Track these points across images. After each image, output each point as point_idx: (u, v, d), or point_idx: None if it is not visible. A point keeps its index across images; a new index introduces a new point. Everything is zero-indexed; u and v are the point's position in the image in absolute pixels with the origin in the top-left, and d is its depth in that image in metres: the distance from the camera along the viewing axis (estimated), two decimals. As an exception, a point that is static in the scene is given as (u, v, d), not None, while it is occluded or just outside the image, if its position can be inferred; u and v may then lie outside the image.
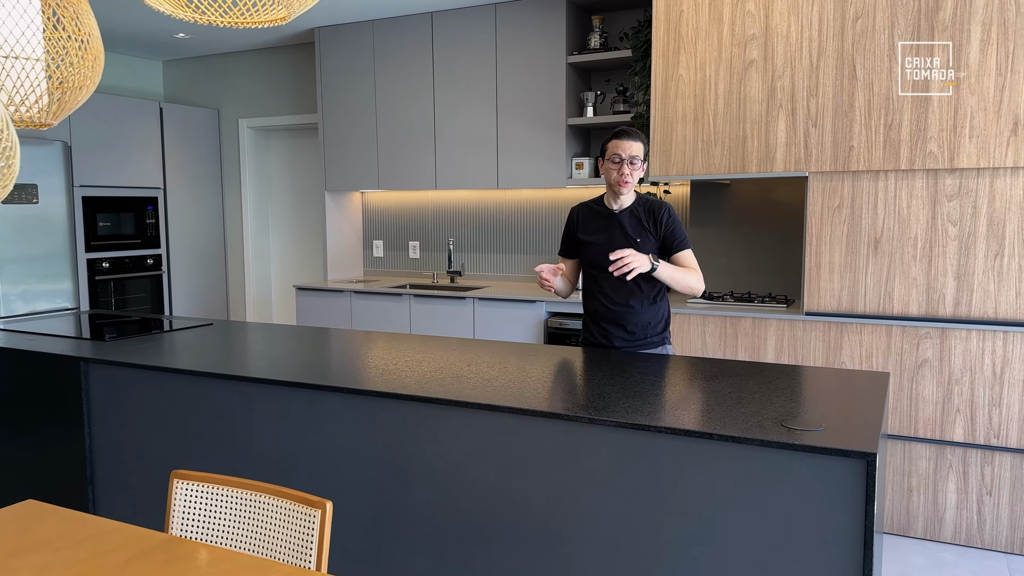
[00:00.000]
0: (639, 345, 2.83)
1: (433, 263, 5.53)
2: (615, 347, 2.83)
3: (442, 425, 2.11)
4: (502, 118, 4.79)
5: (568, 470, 1.96)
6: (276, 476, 2.39)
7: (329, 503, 1.58)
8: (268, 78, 6.09)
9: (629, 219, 2.80)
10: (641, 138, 2.75)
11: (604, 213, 2.86)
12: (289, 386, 2.32)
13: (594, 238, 2.85)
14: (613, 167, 2.73)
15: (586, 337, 2.95)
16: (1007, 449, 3.25)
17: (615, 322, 2.83)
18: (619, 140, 2.73)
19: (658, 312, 2.85)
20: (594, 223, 2.88)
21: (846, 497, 1.66)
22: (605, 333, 2.85)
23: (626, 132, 2.74)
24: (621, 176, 2.71)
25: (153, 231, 5.81)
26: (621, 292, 2.80)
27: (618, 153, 2.71)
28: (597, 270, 2.83)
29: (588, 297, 2.93)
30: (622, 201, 2.82)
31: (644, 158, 2.75)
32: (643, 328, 2.81)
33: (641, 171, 2.75)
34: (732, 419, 1.87)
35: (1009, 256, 3.20)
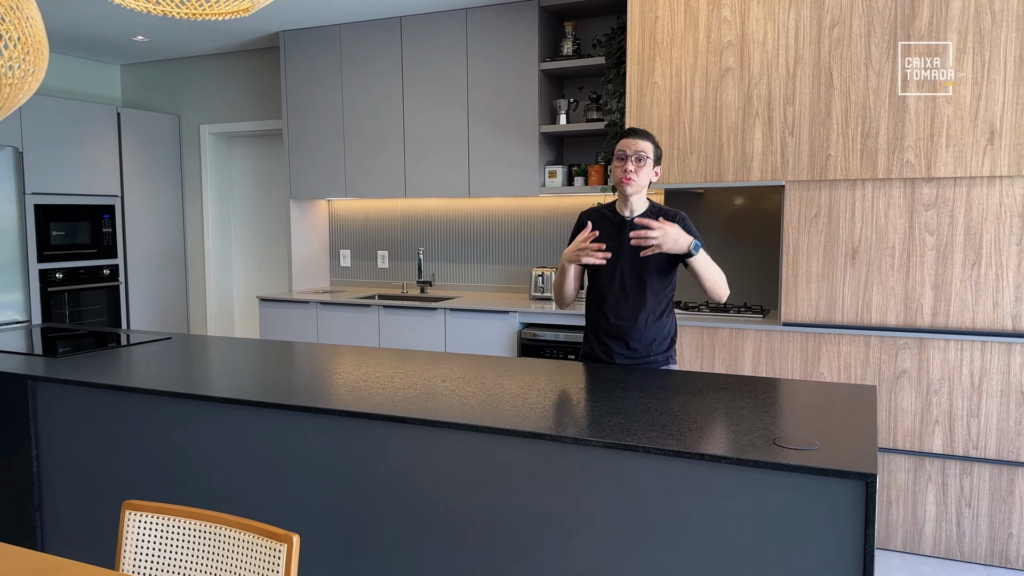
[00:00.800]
0: (642, 363, 2.67)
1: (403, 273, 5.40)
2: (616, 364, 2.68)
3: (416, 446, 1.99)
4: (473, 125, 4.70)
5: (549, 492, 1.85)
6: (240, 503, 2.25)
7: (296, 536, 1.46)
8: (231, 83, 5.92)
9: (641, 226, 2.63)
10: (651, 138, 2.63)
11: (615, 220, 2.69)
12: (251, 405, 2.19)
13: (604, 245, 2.65)
14: (618, 165, 2.61)
15: (587, 352, 2.79)
16: (985, 460, 3.23)
17: (618, 337, 2.68)
18: (625, 138, 2.62)
19: (663, 328, 2.68)
20: (604, 230, 2.69)
21: (844, 520, 1.58)
22: (607, 349, 2.70)
23: (634, 130, 2.65)
24: (625, 172, 2.58)
25: (110, 240, 5.60)
26: (626, 306, 2.65)
27: (623, 150, 2.60)
28: (604, 280, 2.69)
29: (590, 309, 2.78)
30: (634, 206, 2.66)
31: (656, 160, 2.63)
32: (647, 345, 2.66)
33: (651, 172, 2.62)
34: (722, 437, 1.78)
35: (986, 266, 3.18)
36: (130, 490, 2.43)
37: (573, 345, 4.18)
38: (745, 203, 4.17)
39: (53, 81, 5.78)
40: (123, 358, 2.86)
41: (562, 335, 4.21)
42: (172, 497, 2.35)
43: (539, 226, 4.94)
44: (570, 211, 4.83)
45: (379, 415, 2.01)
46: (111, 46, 5.62)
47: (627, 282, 2.64)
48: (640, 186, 2.62)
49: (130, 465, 2.43)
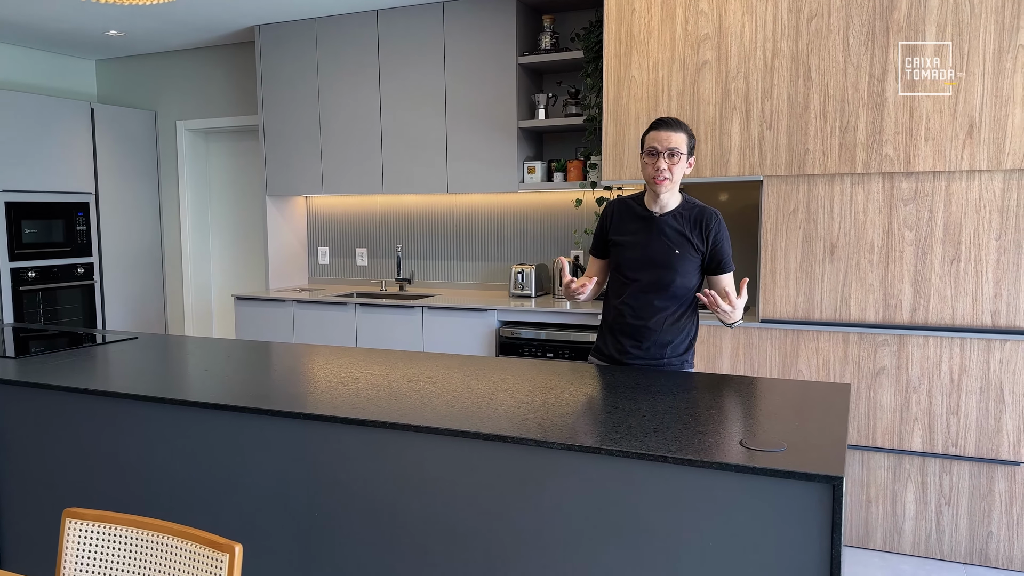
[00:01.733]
0: (655, 365, 2.54)
1: (382, 270, 5.33)
2: (626, 364, 2.56)
3: (375, 449, 1.93)
4: (451, 120, 4.63)
5: (511, 496, 1.80)
6: (200, 509, 2.18)
7: (238, 546, 1.40)
8: (208, 78, 5.83)
9: (671, 225, 2.49)
10: (685, 128, 2.43)
11: (643, 214, 2.53)
12: (207, 408, 2.12)
13: (627, 240, 2.54)
14: (649, 161, 2.42)
15: (599, 347, 2.66)
16: (965, 458, 3.19)
17: (633, 337, 2.54)
18: (657, 131, 2.42)
19: (682, 331, 2.54)
20: (630, 224, 2.55)
21: (811, 523, 1.53)
22: (620, 347, 2.57)
23: (665, 122, 2.43)
24: (658, 172, 2.40)
25: (84, 238, 5.51)
26: (647, 305, 2.51)
27: (655, 145, 2.40)
28: (626, 277, 2.55)
29: (608, 305, 2.64)
30: (664, 202, 2.49)
31: (690, 152, 2.45)
32: (661, 347, 2.52)
33: (686, 167, 2.45)
34: (689, 439, 1.73)
35: (965, 261, 3.14)
36: (84, 497, 2.35)
37: (552, 343, 4.13)
38: (731, 198, 4.13)
39: (26, 77, 5.68)
40: (85, 358, 2.79)
41: (542, 332, 4.15)
42: (127, 503, 2.28)
43: (519, 223, 4.88)
44: (549, 207, 4.78)
45: (337, 417, 1.94)
46: (84, 41, 5.52)
47: (648, 281, 2.50)
48: (673, 184, 2.45)
49: (87, 471, 2.36)
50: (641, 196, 2.61)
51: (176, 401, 2.15)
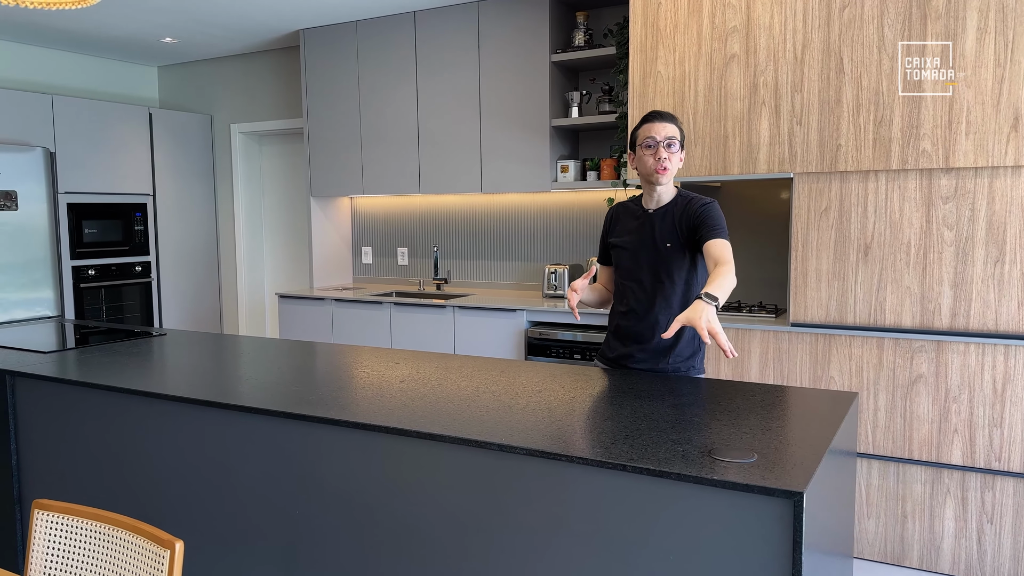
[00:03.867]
0: (661, 370, 2.46)
1: (421, 270, 5.37)
2: (633, 368, 2.49)
3: (344, 449, 1.93)
4: (485, 120, 4.62)
5: (480, 500, 1.76)
6: (189, 505, 2.23)
7: (179, 543, 1.41)
8: (259, 83, 6.00)
9: (663, 219, 2.44)
10: (676, 121, 2.42)
11: (638, 213, 2.52)
12: (199, 404, 2.16)
13: (623, 240, 2.52)
14: (647, 153, 2.38)
15: (604, 351, 2.63)
16: (1009, 474, 2.98)
17: (637, 340, 2.48)
18: (651, 123, 2.40)
19: (687, 334, 2.45)
20: (626, 224, 2.53)
21: (771, 540, 1.45)
22: (625, 351, 2.52)
23: (659, 114, 2.41)
24: (659, 162, 2.36)
25: (142, 238, 5.74)
26: (649, 305, 2.45)
27: (652, 136, 2.37)
28: (624, 278, 2.52)
29: (613, 308, 2.60)
30: (659, 197, 2.46)
31: (683, 144, 2.42)
32: (666, 350, 2.45)
33: (681, 157, 2.42)
34: (657, 447, 1.66)
35: (1010, 263, 2.93)
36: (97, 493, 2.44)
37: (580, 344, 4.07)
38: (765, 196, 3.98)
39: (93, 84, 5.96)
40: (109, 354, 2.89)
41: (569, 334, 4.10)
42: (127, 497, 2.35)
43: (553, 222, 4.83)
44: (585, 207, 4.71)
45: (315, 417, 1.95)
46: (142, 48, 5.76)
47: (647, 281, 2.46)
48: (672, 175, 2.42)
49: (99, 464, 2.44)
50: (639, 198, 2.56)
51: (171, 398, 2.20)
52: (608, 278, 2.67)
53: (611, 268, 2.64)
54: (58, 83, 5.75)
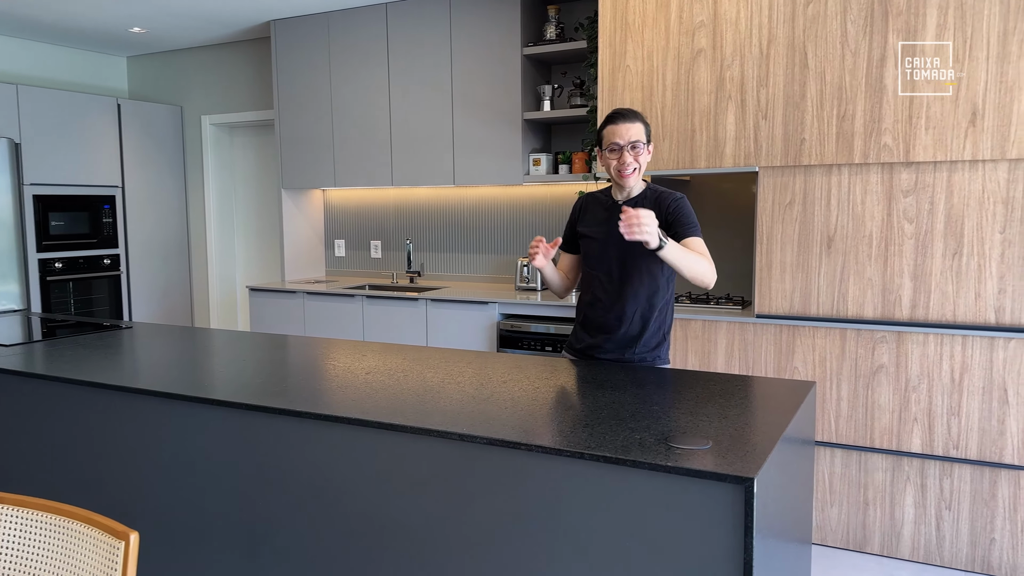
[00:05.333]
0: (627, 360, 2.48)
1: (395, 263, 5.37)
2: (600, 359, 2.51)
3: (312, 442, 1.94)
4: (457, 112, 4.62)
5: (439, 490, 1.78)
6: (154, 498, 2.22)
7: (134, 534, 1.41)
8: (230, 74, 5.95)
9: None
10: (640, 118, 2.42)
11: (607, 204, 2.53)
12: (162, 397, 2.16)
13: (592, 230, 2.53)
14: (612, 157, 2.40)
15: (571, 342, 2.64)
16: (967, 461, 3.05)
17: (603, 330, 2.50)
18: (615, 124, 2.39)
19: (653, 323, 2.47)
20: (595, 214, 2.55)
21: (723, 526, 1.48)
22: (592, 342, 2.53)
23: (621, 114, 2.41)
24: (623, 165, 2.38)
25: (110, 230, 5.68)
26: (614, 296, 2.46)
27: (615, 141, 2.38)
28: (592, 268, 2.53)
29: (580, 298, 2.61)
30: (629, 190, 2.48)
31: (648, 140, 2.43)
32: (632, 340, 2.47)
33: (648, 155, 2.43)
34: (616, 435, 1.68)
35: (968, 255, 2.99)
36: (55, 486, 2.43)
37: (552, 336, 4.09)
38: (733, 190, 4.02)
39: (61, 74, 5.88)
40: (68, 347, 2.87)
41: (541, 327, 4.12)
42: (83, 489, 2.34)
43: (527, 215, 4.85)
44: (557, 200, 4.73)
45: (276, 408, 1.96)
46: (111, 38, 5.68)
47: (615, 271, 2.47)
48: (639, 175, 2.43)
49: (55, 459, 2.43)
50: (608, 189, 2.59)
51: (124, 389, 2.19)
52: (569, 266, 2.67)
53: (573, 256, 2.66)
54: (24, 73, 5.66)
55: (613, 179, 2.48)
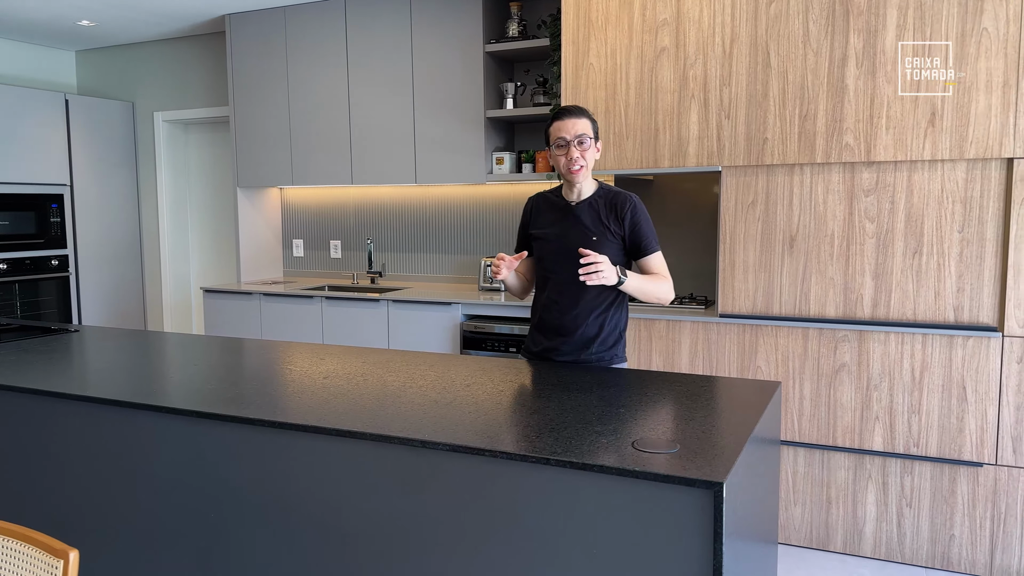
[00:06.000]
0: (585, 361, 2.46)
1: (355, 263, 5.27)
2: (558, 361, 2.48)
3: (267, 451, 1.86)
4: (419, 110, 4.55)
5: (401, 497, 1.72)
6: (99, 512, 2.12)
7: (74, 552, 1.33)
8: (184, 69, 5.78)
9: (587, 212, 2.43)
10: (587, 114, 2.40)
11: (560, 205, 2.49)
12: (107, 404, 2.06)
13: (546, 232, 2.49)
14: (560, 153, 2.37)
15: (528, 345, 2.60)
16: (927, 458, 3.08)
17: (560, 332, 2.47)
18: (561, 120, 2.37)
19: (609, 323, 2.47)
20: (549, 216, 2.51)
21: (692, 531, 1.44)
22: (548, 344, 2.50)
23: (568, 110, 2.39)
24: (571, 161, 2.35)
25: (58, 230, 5.48)
26: (573, 297, 2.44)
27: (562, 136, 2.36)
28: (547, 270, 2.50)
29: (535, 300, 2.58)
30: (580, 190, 2.45)
31: (596, 137, 2.41)
32: (589, 341, 2.45)
33: (596, 151, 2.41)
34: (582, 439, 1.64)
35: (928, 254, 3.02)
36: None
37: (516, 337, 4.04)
38: (696, 189, 4.01)
39: (6, 68, 5.66)
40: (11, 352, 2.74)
41: (505, 327, 4.07)
42: (8, 505, 2.22)
43: (489, 215, 4.79)
44: (520, 199, 4.68)
45: (229, 416, 1.87)
46: (58, 31, 5.49)
47: (570, 273, 2.40)
48: (588, 171, 2.42)
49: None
50: (559, 189, 2.55)
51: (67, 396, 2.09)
52: (525, 267, 2.63)
53: (530, 259, 2.62)
54: (-35, 66, 5.44)
55: (563, 177, 2.47)
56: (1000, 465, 2.98)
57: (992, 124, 2.88)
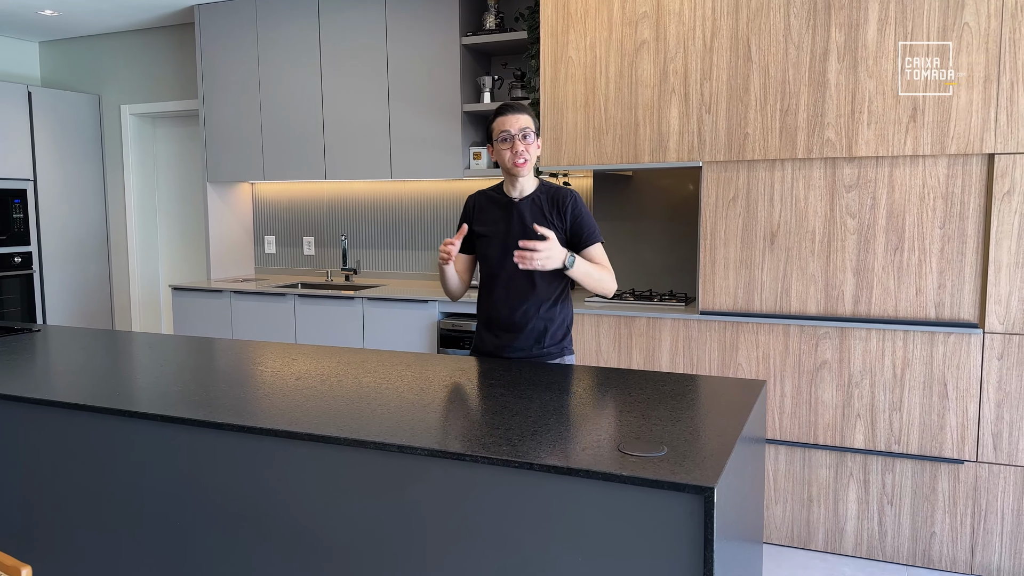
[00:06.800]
0: (535, 356, 2.46)
1: (329, 260, 5.17)
2: (508, 358, 2.46)
3: (237, 456, 1.77)
4: (394, 103, 4.46)
5: (378, 504, 1.64)
6: (59, 522, 2.02)
7: (27, 569, 1.24)
8: (152, 61, 5.63)
9: (530, 209, 2.44)
10: (528, 110, 2.42)
11: (502, 202, 2.49)
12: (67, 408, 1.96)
13: (489, 230, 2.48)
14: (505, 147, 2.37)
15: (477, 345, 2.58)
16: (908, 456, 3.06)
17: (509, 329, 2.47)
18: (504, 116, 2.38)
19: (557, 317, 2.48)
20: (491, 213, 2.50)
21: (681, 538, 1.38)
22: (498, 342, 2.49)
23: (510, 106, 2.41)
24: (516, 155, 2.35)
25: (21, 226, 5.31)
26: (515, 294, 2.44)
27: (507, 130, 2.36)
28: (493, 268, 2.49)
29: (480, 299, 2.57)
30: (522, 187, 2.45)
31: (537, 132, 2.42)
32: (540, 336, 2.45)
33: (537, 147, 2.41)
34: (564, 443, 1.58)
35: (909, 250, 3.00)
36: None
37: (492, 335, 3.97)
38: (677, 185, 3.97)
39: (-38, 58, 5.48)
40: (-31, 353, 2.62)
41: (481, 325, 4.00)
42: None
43: (466, 211, 4.71)
44: (498, 195, 4.61)
45: (195, 420, 1.78)
46: (20, 21, 5.31)
47: (514, 270, 2.41)
48: (531, 165, 2.42)
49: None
50: (501, 186, 2.55)
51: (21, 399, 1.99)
52: (464, 266, 2.60)
53: (468, 257, 2.61)
54: (-78, 56, 5.25)
55: (506, 172, 2.45)
56: (981, 462, 2.97)
57: (973, 119, 2.86)
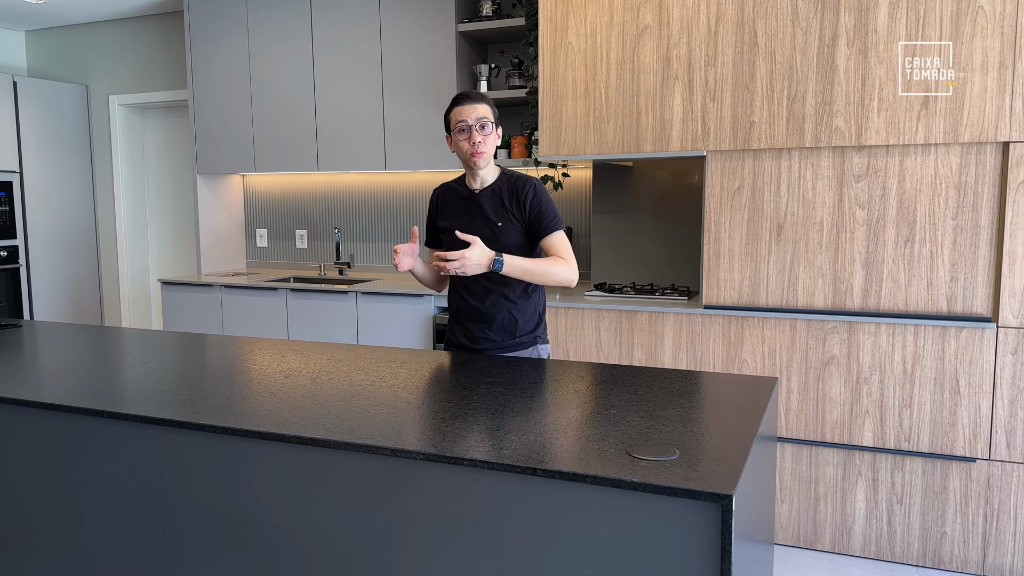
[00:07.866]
0: (507, 347, 2.45)
1: (322, 254, 5.06)
2: (480, 349, 2.45)
3: (220, 459, 1.67)
4: (388, 93, 4.35)
5: (370, 509, 1.55)
6: (32, 529, 1.92)
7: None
8: (141, 50, 5.51)
9: (490, 200, 2.42)
10: (486, 100, 2.38)
11: (464, 194, 2.47)
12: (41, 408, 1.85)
13: (452, 223, 2.46)
14: (462, 138, 2.35)
15: (449, 338, 2.57)
16: (918, 454, 2.97)
17: (478, 321, 2.46)
18: (460, 106, 2.35)
19: (528, 308, 2.47)
20: (453, 206, 2.49)
21: (697, 549, 1.29)
22: (468, 333, 2.48)
23: (467, 95, 2.37)
24: (474, 146, 2.33)
25: (7, 219, 5.19)
26: (483, 286, 2.42)
27: (464, 120, 2.33)
28: None
29: (451, 292, 2.55)
30: (483, 178, 2.42)
31: (496, 122, 2.38)
32: (510, 327, 2.44)
33: (496, 138, 2.39)
34: (570, 447, 1.48)
35: (920, 242, 2.90)
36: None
37: (489, 330, 3.87)
38: (677, 176, 3.87)
39: (-54, 48, 5.35)
40: (-56, 350, 2.51)
41: (478, 320, 3.90)
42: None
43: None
44: (495, 187, 4.50)
45: (176, 421, 1.68)
46: (6, 9, 5.18)
47: None
48: (490, 156, 2.38)
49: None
50: (463, 178, 2.51)
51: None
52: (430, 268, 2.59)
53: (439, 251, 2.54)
54: (-97, 45, 5.12)
55: (466, 164, 2.42)
56: (993, 460, 2.88)
57: (988, 106, 2.76)
